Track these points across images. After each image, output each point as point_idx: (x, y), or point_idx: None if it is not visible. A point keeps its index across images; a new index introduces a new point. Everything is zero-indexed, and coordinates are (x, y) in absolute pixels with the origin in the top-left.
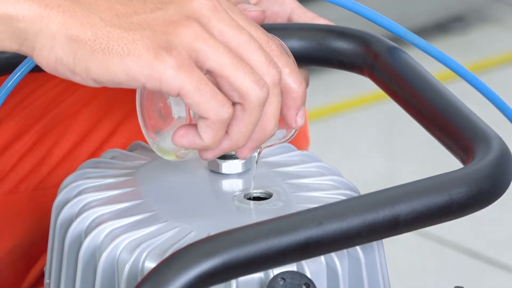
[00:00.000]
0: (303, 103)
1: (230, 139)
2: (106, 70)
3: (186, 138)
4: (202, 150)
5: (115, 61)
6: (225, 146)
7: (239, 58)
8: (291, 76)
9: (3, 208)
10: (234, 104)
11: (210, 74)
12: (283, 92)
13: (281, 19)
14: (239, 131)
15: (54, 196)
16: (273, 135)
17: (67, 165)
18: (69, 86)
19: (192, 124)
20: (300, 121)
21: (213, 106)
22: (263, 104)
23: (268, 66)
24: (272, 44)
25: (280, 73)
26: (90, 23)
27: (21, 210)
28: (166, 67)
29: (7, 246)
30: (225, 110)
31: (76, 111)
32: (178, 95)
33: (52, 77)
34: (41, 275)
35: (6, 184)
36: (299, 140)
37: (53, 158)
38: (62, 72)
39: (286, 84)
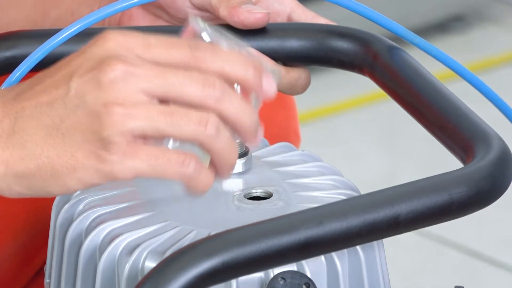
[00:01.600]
0: (257, 88)
1: (219, 164)
2: (64, 187)
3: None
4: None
5: (67, 178)
6: (209, 181)
7: (171, 112)
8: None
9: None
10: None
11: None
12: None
13: (281, 18)
14: (221, 158)
15: (52, 197)
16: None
17: None
18: None
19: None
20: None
21: (173, 171)
22: (219, 131)
23: (204, 89)
24: (196, 47)
25: (221, 86)
26: (28, 155)
27: (17, 211)
28: (112, 165)
29: (3, 245)
30: (187, 168)
31: None
32: (135, 177)
33: None
34: (36, 274)
35: None
36: (289, 139)
37: None
38: (31, 195)
39: (232, 78)
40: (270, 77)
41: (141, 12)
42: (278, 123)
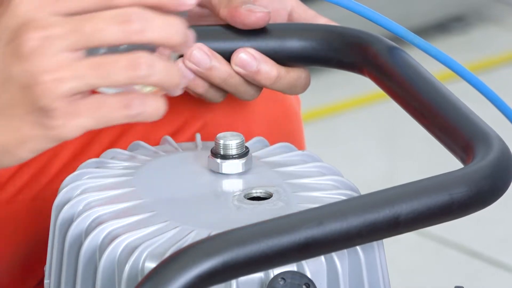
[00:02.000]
0: (175, 4)
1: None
2: (16, 158)
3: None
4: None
5: (18, 151)
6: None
7: (99, 63)
8: None
9: (1, 218)
10: None
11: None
12: None
13: (281, 17)
14: (164, 85)
15: (51, 207)
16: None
17: (65, 176)
18: None
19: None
20: None
21: (119, 116)
22: (151, 66)
23: (122, 27)
24: None
25: (138, 16)
26: None
27: (19, 220)
28: (59, 129)
29: (5, 255)
30: (131, 109)
31: None
32: (85, 132)
33: None
34: (38, 283)
35: (4, 194)
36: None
37: (52, 168)
38: None
39: None
40: None
41: None
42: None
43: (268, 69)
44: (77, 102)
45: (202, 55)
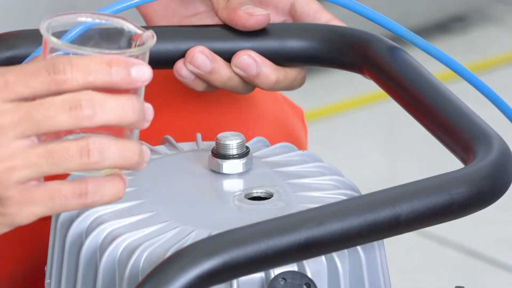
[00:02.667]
0: (129, 83)
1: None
2: None
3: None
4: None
5: None
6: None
7: (50, 151)
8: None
9: (3, 235)
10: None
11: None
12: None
13: (283, 5)
14: (121, 165)
15: (50, 223)
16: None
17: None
18: None
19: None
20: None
21: (73, 205)
22: (103, 152)
23: (72, 114)
24: (54, 69)
25: (88, 101)
26: None
27: (22, 237)
28: (12, 217)
29: (7, 272)
30: (85, 198)
31: None
32: (40, 217)
33: None
34: None
35: None
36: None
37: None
38: None
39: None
40: (139, 63)
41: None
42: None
43: (268, 73)
44: (31, 190)
45: (204, 58)
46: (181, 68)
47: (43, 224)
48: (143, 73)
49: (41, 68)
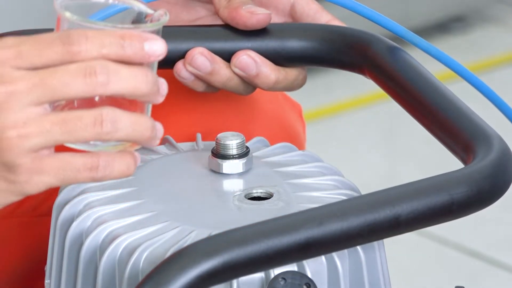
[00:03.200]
0: (142, 56)
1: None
2: None
3: None
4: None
5: None
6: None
7: (64, 120)
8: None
9: (3, 233)
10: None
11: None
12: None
13: (283, 6)
14: (133, 139)
15: (49, 223)
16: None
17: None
18: None
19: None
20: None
21: (83, 178)
22: (116, 122)
23: (87, 80)
24: (68, 41)
25: (102, 68)
26: None
27: (15, 237)
28: (22, 185)
29: (7, 272)
30: (96, 172)
31: None
32: (51, 187)
33: None
34: None
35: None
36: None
37: None
38: None
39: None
40: (153, 37)
41: None
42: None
43: (268, 73)
44: (42, 159)
45: (203, 60)
46: (181, 70)
47: (36, 220)
48: (157, 48)
49: (55, 38)
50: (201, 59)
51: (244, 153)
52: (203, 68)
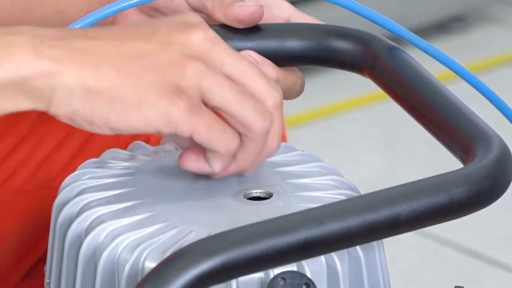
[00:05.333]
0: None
1: (238, 164)
2: (124, 119)
3: (196, 164)
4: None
5: (133, 110)
6: (232, 170)
7: (243, 91)
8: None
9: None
10: (240, 134)
11: (217, 110)
12: None
13: (279, 20)
14: (246, 158)
15: (36, 198)
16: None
17: (46, 168)
18: None
19: (200, 150)
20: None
21: (223, 142)
22: (267, 132)
23: (270, 90)
24: (264, 67)
25: (281, 94)
26: (104, 73)
27: (21, 202)
28: (180, 112)
29: (6, 236)
30: (233, 143)
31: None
32: (191, 135)
33: None
34: (34, 265)
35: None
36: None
37: (34, 160)
38: (80, 122)
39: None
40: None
41: (137, 13)
42: None
43: (268, 72)
44: (203, 107)
45: None
46: None
47: (24, 196)
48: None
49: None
50: None
51: None
52: None
